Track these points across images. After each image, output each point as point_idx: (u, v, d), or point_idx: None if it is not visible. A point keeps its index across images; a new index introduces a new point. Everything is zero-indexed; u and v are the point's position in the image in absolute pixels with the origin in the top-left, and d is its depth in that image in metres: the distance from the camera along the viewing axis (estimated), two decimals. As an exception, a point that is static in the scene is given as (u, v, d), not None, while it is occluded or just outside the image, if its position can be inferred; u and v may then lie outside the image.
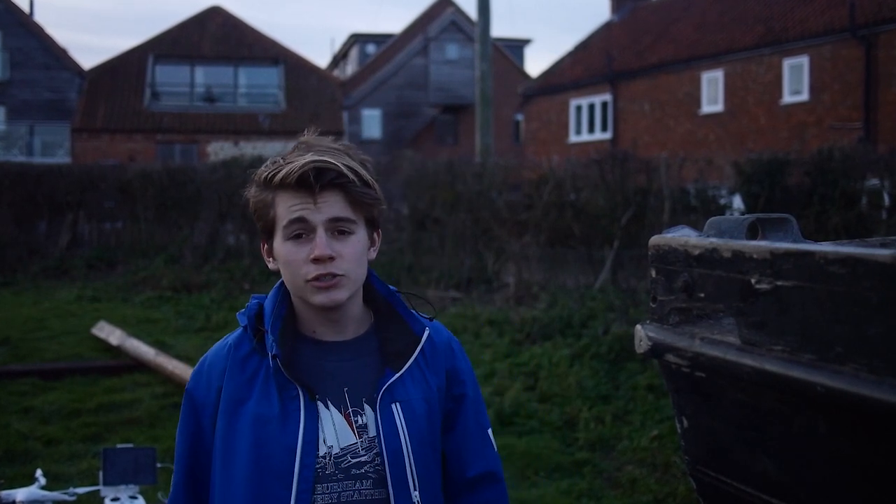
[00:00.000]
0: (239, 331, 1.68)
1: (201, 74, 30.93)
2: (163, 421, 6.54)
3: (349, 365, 1.64)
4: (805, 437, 1.09)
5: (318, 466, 1.56)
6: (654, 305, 1.32)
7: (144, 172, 16.59)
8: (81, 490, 3.49)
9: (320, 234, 1.55)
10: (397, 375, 1.63)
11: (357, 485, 1.57)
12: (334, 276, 1.56)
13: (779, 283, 1.07)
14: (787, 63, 19.90)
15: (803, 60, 19.55)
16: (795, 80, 19.77)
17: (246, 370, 1.62)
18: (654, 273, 1.31)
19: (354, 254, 1.59)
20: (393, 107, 33.79)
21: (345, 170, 1.55)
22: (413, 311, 1.72)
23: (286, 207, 1.57)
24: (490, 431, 1.77)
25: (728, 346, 1.14)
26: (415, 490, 1.58)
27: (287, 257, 1.58)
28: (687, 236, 1.27)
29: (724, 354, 1.14)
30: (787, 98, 19.93)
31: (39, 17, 57.96)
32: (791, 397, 1.08)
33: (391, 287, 1.75)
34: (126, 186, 16.51)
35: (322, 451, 1.57)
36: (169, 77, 30.56)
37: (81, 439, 6.16)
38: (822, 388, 1.00)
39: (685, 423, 1.31)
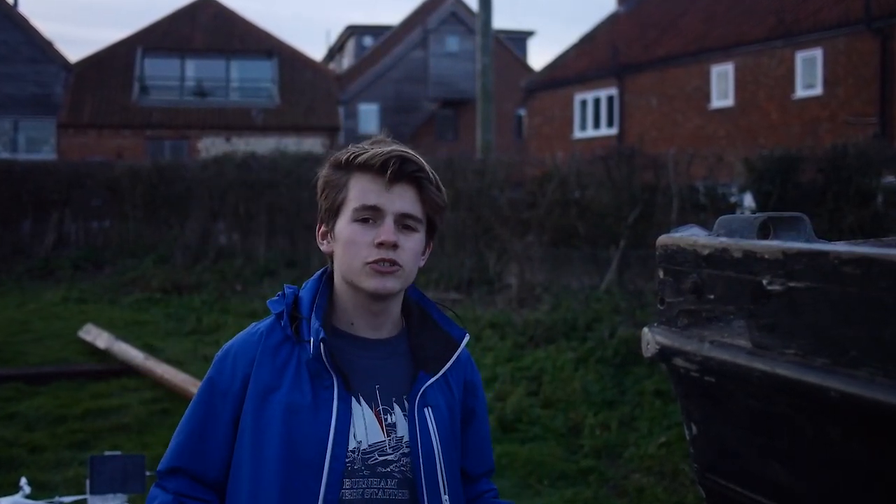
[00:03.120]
0: (270, 319, 1.70)
1: (192, 68, 30.92)
2: (152, 427, 6.54)
3: (382, 363, 1.69)
4: (818, 444, 1.09)
5: (347, 460, 1.60)
6: (661, 307, 1.32)
7: (133, 169, 16.61)
8: (68, 499, 3.49)
9: (389, 222, 1.62)
10: (434, 378, 1.69)
11: (382, 483, 1.62)
12: (394, 263, 1.62)
13: (791, 284, 1.07)
14: (800, 56, 19.90)
15: (816, 53, 19.55)
16: (808, 73, 19.77)
17: (277, 358, 1.64)
18: (661, 274, 1.31)
19: (414, 250, 1.66)
20: (391, 101, 33.79)
21: (426, 166, 1.67)
22: (448, 318, 1.80)
23: (360, 190, 1.64)
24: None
25: (738, 349, 1.14)
26: (445, 494, 1.65)
27: (350, 237, 1.63)
28: (696, 236, 1.27)
29: (735, 358, 1.14)
30: (800, 92, 19.93)
31: (24, 9, 57.87)
32: (804, 403, 1.08)
33: (423, 293, 1.83)
34: (114, 184, 16.53)
35: (352, 445, 1.61)
36: (158, 70, 30.55)
37: (68, 446, 6.16)
38: (835, 394, 1.01)
39: (694, 429, 1.31)
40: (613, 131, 24.48)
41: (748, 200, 11.01)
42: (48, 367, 8.46)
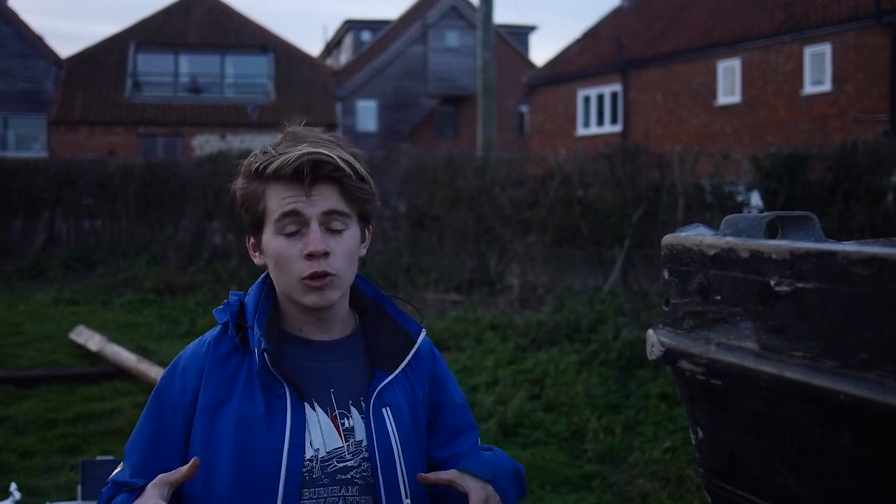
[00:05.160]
0: (217, 329, 1.68)
1: (186, 63, 30.92)
2: (145, 431, 6.54)
3: (336, 366, 1.65)
4: (827, 449, 1.09)
5: (304, 470, 1.57)
6: (666, 309, 1.32)
7: (125, 167, 16.58)
8: (59, 505, 3.49)
9: (314, 227, 1.57)
10: (391, 377, 1.66)
11: (343, 490, 1.58)
12: (327, 274, 1.58)
13: (799, 285, 1.06)
14: (809, 51, 19.90)
15: (825, 48, 19.55)
16: (817, 69, 19.78)
17: (226, 369, 1.62)
18: (666, 274, 1.31)
19: (347, 251, 1.61)
20: (389, 98, 33.79)
21: (341, 163, 1.58)
22: (405, 314, 1.75)
23: (278, 200, 1.59)
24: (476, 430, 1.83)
25: (745, 352, 1.14)
26: (406, 498, 1.61)
27: (279, 253, 1.59)
28: (702, 235, 1.27)
29: (742, 361, 1.14)
30: (809, 88, 19.93)
31: (14, 3, 57.88)
32: (812, 406, 1.08)
33: (378, 289, 1.78)
34: (106, 182, 16.50)
35: (309, 454, 1.57)
36: (151, 66, 30.55)
37: (58, 451, 6.15)
38: (845, 397, 1.00)
39: (700, 433, 1.31)
40: (617, 128, 24.49)
41: (755, 199, 11.01)
42: (38, 370, 8.45)
